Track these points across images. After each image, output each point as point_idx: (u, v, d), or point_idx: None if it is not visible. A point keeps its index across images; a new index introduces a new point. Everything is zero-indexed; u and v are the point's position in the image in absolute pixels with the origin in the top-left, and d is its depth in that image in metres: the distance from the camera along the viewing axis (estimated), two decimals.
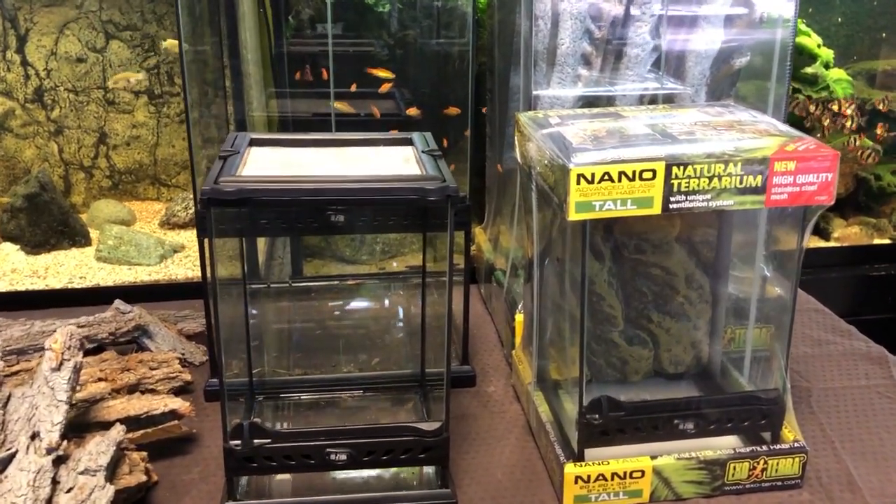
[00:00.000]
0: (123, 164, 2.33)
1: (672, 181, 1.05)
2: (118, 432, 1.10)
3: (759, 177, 1.06)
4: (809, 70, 2.26)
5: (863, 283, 2.22)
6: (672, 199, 1.06)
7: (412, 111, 1.86)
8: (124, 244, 2.06)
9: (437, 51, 1.91)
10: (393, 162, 1.20)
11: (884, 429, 1.37)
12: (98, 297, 1.74)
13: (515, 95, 1.58)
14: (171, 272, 2.02)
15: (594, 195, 1.04)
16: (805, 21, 2.30)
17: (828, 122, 2.21)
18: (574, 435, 1.19)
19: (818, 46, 2.27)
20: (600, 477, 1.16)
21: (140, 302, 1.63)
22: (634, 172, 1.04)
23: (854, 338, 1.67)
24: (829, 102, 2.22)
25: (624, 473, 1.16)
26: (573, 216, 1.05)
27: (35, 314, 1.63)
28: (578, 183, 1.04)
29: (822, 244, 2.31)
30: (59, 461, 1.04)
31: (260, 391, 1.41)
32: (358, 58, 1.90)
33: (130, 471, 1.12)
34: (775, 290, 1.34)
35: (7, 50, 2.18)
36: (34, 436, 1.04)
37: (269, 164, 1.17)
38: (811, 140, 1.10)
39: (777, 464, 1.19)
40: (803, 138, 1.11)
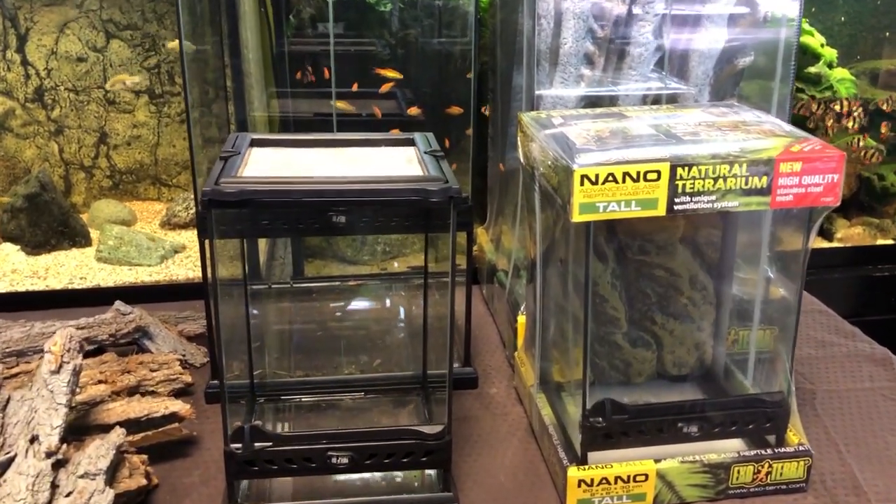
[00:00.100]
0: (124, 164, 2.32)
1: (677, 182, 1.04)
2: (118, 435, 1.09)
3: (765, 178, 1.05)
4: (812, 70, 2.25)
5: (866, 284, 2.21)
6: (677, 201, 1.05)
7: (413, 111, 1.85)
8: (125, 244, 2.06)
9: (439, 50, 1.90)
10: (395, 162, 1.20)
11: (889, 432, 1.36)
12: (98, 298, 1.74)
13: (518, 95, 1.57)
14: (172, 273, 2.01)
15: (598, 196, 1.04)
16: (808, 20, 2.28)
17: (831, 123, 2.20)
18: (577, 438, 1.18)
19: (822, 46, 2.26)
20: (604, 480, 1.15)
21: (140, 303, 1.62)
22: (639, 173, 1.03)
23: (858, 339, 1.66)
24: (832, 102, 2.21)
25: (628, 477, 1.15)
26: (577, 217, 1.04)
27: (35, 315, 1.62)
28: (582, 184, 1.03)
29: (825, 245, 2.30)
30: (59, 465, 1.03)
31: (261, 393, 1.40)
32: (359, 57, 1.90)
33: (130, 474, 1.11)
34: (779, 292, 1.33)
35: (7, 49, 2.17)
36: (33, 439, 1.04)
37: (271, 165, 1.16)
38: (817, 141, 1.10)
39: (782, 467, 1.18)
40: (809, 139, 1.10)
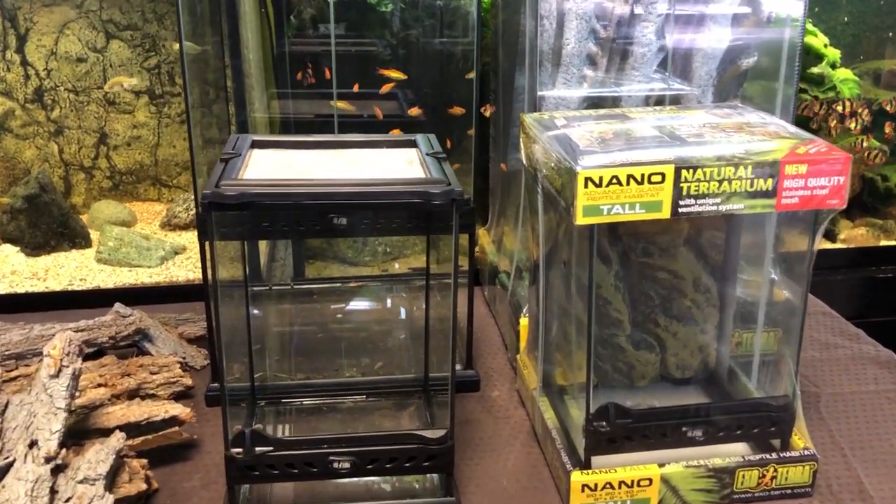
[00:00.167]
0: (124, 165, 2.31)
1: (681, 185, 1.03)
2: (118, 440, 1.08)
3: (770, 180, 1.04)
4: (816, 70, 2.24)
5: (869, 286, 2.20)
6: (681, 203, 1.04)
7: (414, 111, 1.84)
8: (125, 246, 2.05)
9: (440, 51, 1.89)
10: (396, 164, 1.19)
11: (894, 435, 1.35)
12: (98, 300, 1.73)
13: (520, 96, 1.56)
14: (172, 274, 2.00)
15: (602, 199, 1.03)
16: (811, 20, 2.27)
17: (834, 123, 2.19)
18: (581, 442, 1.17)
19: (825, 46, 2.25)
20: (607, 485, 1.14)
21: (140, 304, 1.61)
22: (643, 176, 1.02)
23: (862, 341, 1.65)
24: (835, 103, 2.20)
25: (631, 481, 1.14)
26: (581, 220, 1.03)
27: (34, 317, 1.61)
28: (586, 186, 1.02)
29: (829, 246, 2.29)
30: (58, 470, 1.02)
31: (262, 396, 1.39)
32: (360, 58, 1.89)
33: (130, 479, 1.10)
34: (783, 294, 1.32)
35: (7, 50, 2.17)
36: (32, 444, 1.03)
37: (272, 167, 1.15)
38: (822, 142, 1.09)
39: (787, 472, 1.17)
40: (814, 140, 1.09)
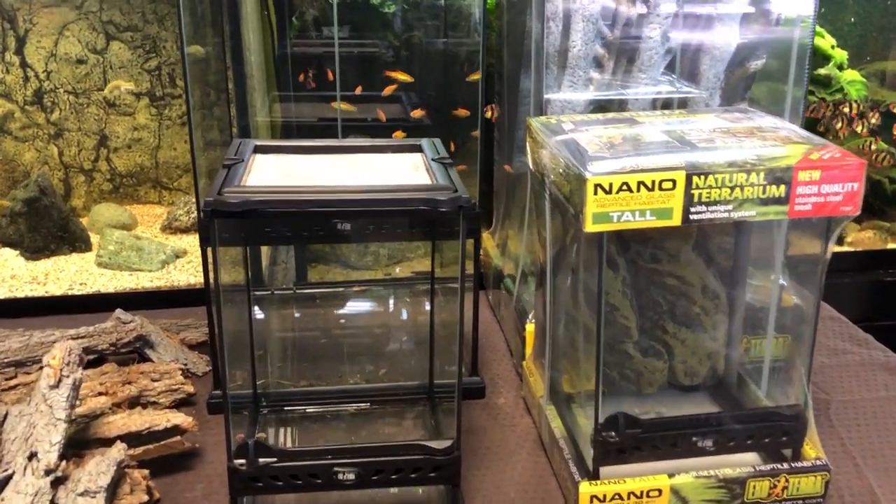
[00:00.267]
0: (124, 167, 2.30)
1: (692, 191, 1.01)
2: (119, 451, 1.07)
3: (783, 186, 1.02)
4: (822, 71, 2.22)
5: (877, 289, 2.18)
6: (692, 210, 1.02)
7: (416, 113, 1.82)
8: (125, 249, 2.03)
9: (444, 52, 1.87)
10: (402, 170, 1.17)
11: None
12: (99, 304, 1.72)
13: (525, 99, 1.54)
14: (174, 278, 1.99)
15: (612, 206, 1.01)
16: (818, 21, 2.25)
17: (840, 126, 2.17)
18: (589, 452, 1.15)
19: (832, 47, 2.23)
20: (616, 496, 1.12)
21: (141, 309, 1.60)
22: (654, 182, 1.00)
23: (872, 347, 1.64)
24: (841, 104, 2.18)
25: (641, 492, 1.12)
26: (590, 227, 1.01)
27: (34, 322, 1.59)
28: (595, 193, 1.00)
29: (836, 249, 2.25)
30: (58, 482, 1.01)
31: (264, 404, 1.37)
32: (363, 60, 1.87)
33: (132, 490, 1.08)
34: (791, 299, 1.30)
35: (6, 51, 2.15)
36: (32, 456, 1.01)
37: (275, 173, 1.13)
38: (836, 148, 1.07)
39: (799, 482, 1.15)
40: (827, 146, 1.08)
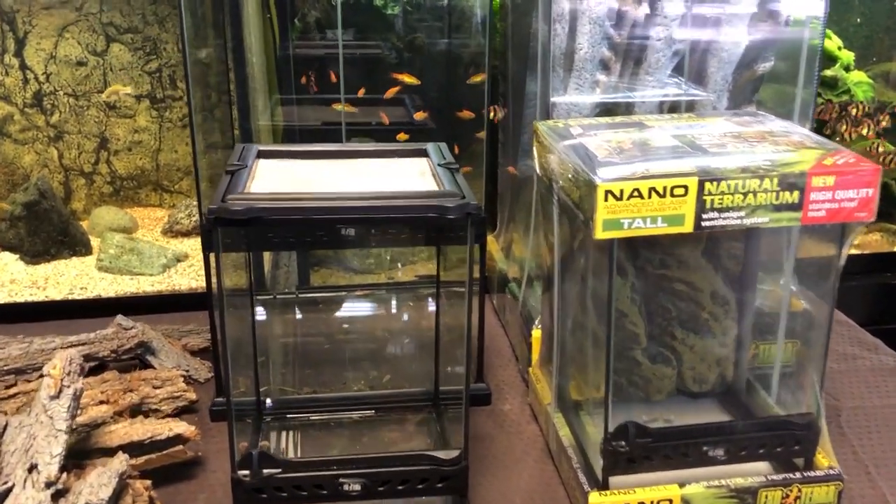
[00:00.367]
0: (125, 170, 2.28)
1: (704, 197, 0.99)
2: (120, 462, 1.05)
3: (797, 193, 1.01)
4: (829, 73, 2.20)
5: (884, 292, 2.16)
6: (704, 217, 1.00)
7: (419, 115, 1.81)
8: (126, 253, 2.01)
9: (448, 54, 1.85)
10: (408, 176, 1.15)
11: None
12: (99, 309, 1.70)
13: (531, 101, 1.52)
14: (175, 282, 1.97)
15: (623, 212, 0.99)
16: None
17: (845, 128, 2.15)
18: (598, 461, 1.13)
19: (839, 48, 2.21)
20: None
21: (142, 313, 1.58)
22: (665, 188, 0.98)
23: (881, 352, 1.62)
24: (848, 105, 2.16)
25: (651, 502, 1.10)
26: (600, 234, 1.00)
27: (34, 328, 1.58)
28: (606, 199, 0.98)
29: None
30: (59, 495, 0.99)
31: (268, 412, 1.35)
32: (366, 62, 1.85)
33: (134, 501, 1.06)
34: (801, 304, 1.29)
35: (5, 53, 2.13)
36: (32, 468, 0.99)
37: (279, 179, 1.11)
38: (850, 153, 1.05)
39: (811, 492, 1.14)
40: (841, 151, 1.06)
